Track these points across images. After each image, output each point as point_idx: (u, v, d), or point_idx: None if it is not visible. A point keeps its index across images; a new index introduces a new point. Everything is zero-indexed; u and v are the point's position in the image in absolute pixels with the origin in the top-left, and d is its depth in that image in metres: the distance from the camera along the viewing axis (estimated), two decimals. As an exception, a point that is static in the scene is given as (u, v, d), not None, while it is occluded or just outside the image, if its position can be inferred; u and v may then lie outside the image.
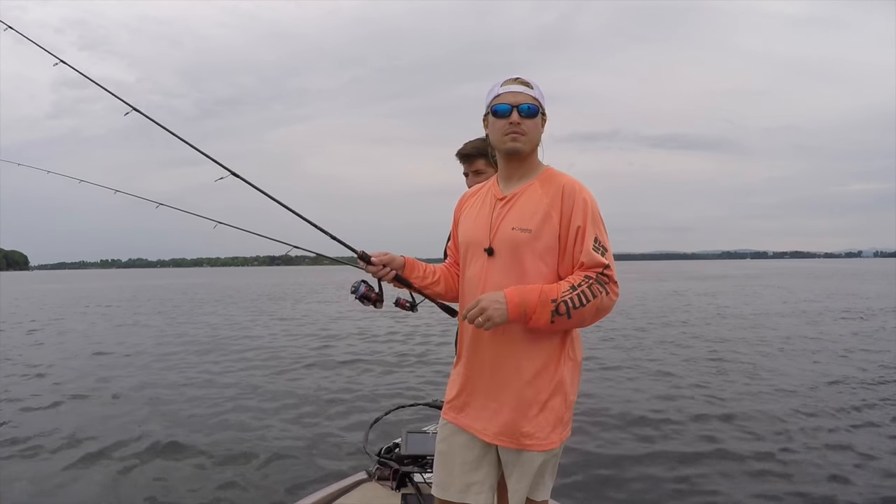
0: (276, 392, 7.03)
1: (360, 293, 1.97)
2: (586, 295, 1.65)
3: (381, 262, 1.92)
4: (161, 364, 9.23)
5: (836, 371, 8.00)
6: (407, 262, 1.98)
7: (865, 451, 4.73)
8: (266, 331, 13.60)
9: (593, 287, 1.67)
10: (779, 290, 27.30)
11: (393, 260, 1.94)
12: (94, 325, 15.80)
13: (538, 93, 1.80)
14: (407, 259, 1.99)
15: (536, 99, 1.79)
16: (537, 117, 1.80)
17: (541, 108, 1.80)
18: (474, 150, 2.58)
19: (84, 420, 5.92)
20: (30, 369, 8.86)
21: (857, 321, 14.11)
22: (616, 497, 4.03)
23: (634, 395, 6.80)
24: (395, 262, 1.95)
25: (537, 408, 1.74)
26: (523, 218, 1.76)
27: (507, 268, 1.76)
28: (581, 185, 1.78)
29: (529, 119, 1.78)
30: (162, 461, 4.69)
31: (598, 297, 1.66)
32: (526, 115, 1.77)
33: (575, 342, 1.81)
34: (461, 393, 1.88)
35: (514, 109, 1.77)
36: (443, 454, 1.91)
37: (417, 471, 3.11)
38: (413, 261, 2.01)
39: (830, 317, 15.19)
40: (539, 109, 1.80)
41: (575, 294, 1.65)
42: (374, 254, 1.93)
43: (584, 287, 1.66)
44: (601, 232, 1.74)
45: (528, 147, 1.80)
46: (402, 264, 1.96)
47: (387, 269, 1.92)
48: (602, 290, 1.67)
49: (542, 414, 1.74)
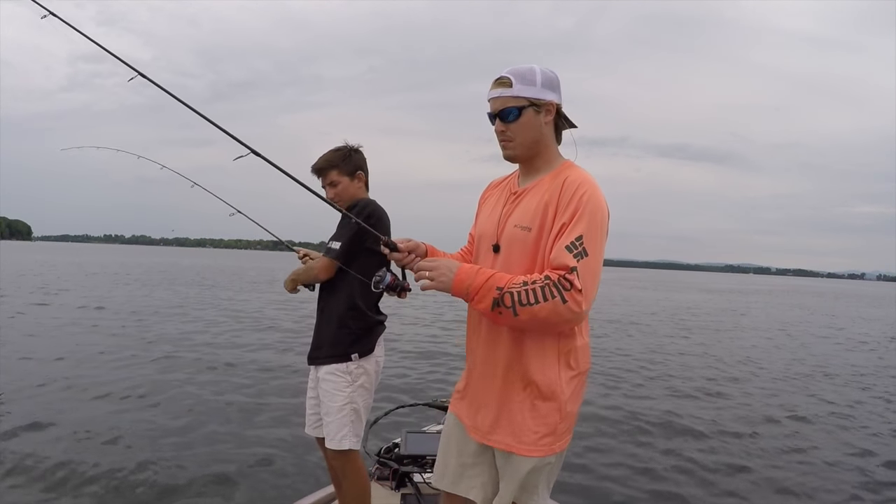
0: (274, 391, 6.94)
1: (385, 283, 1.91)
2: (536, 294, 1.51)
3: (408, 249, 1.81)
4: (166, 359, 9.18)
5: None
6: (428, 248, 1.88)
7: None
8: (262, 323, 13.35)
9: (547, 289, 1.50)
10: (802, 311, 27.10)
11: (417, 247, 1.83)
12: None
13: (521, 86, 1.67)
14: (427, 246, 1.89)
15: (518, 96, 1.67)
16: (523, 117, 1.68)
17: (529, 102, 1.67)
18: (325, 163, 2.58)
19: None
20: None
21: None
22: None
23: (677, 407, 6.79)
24: (420, 248, 1.83)
25: (525, 413, 1.68)
26: (526, 216, 1.69)
27: (509, 266, 1.69)
28: (587, 180, 1.64)
29: (514, 123, 1.69)
30: (160, 460, 4.53)
31: (549, 301, 1.49)
32: (509, 120, 1.69)
33: (578, 352, 1.69)
34: (465, 386, 1.88)
35: (496, 118, 1.71)
36: (443, 443, 1.92)
37: (417, 471, 3.12)
38: (433, 248, 1.92)
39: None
40: (522, 108, 1.68)
41: (524, 289, 1.52)
42: (399, 241, 1.82)
43: (536, 286, 1.52)
44: (592, 234, 1.56)
45: (520, 151, 1.73)
46: (425, 251, 1.85)
47: (412, 255, 1.80)
48: (556, 294, 1.49)
49: (530, 420, 1.67)
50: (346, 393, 2.44)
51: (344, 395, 2.44)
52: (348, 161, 2.58)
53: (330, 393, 2.46)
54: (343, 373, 2.45)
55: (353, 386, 2.45)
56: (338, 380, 2.45)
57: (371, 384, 2.52)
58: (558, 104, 1.71)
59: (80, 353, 8.16)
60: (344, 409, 2.44)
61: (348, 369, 2.45)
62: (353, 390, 2.45)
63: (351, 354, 2.45)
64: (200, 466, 4.29)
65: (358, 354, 2.46)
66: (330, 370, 2.47)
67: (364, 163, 2.65)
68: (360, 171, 2.62)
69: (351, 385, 2.45)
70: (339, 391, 2.44)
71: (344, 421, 2.44)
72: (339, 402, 2.44)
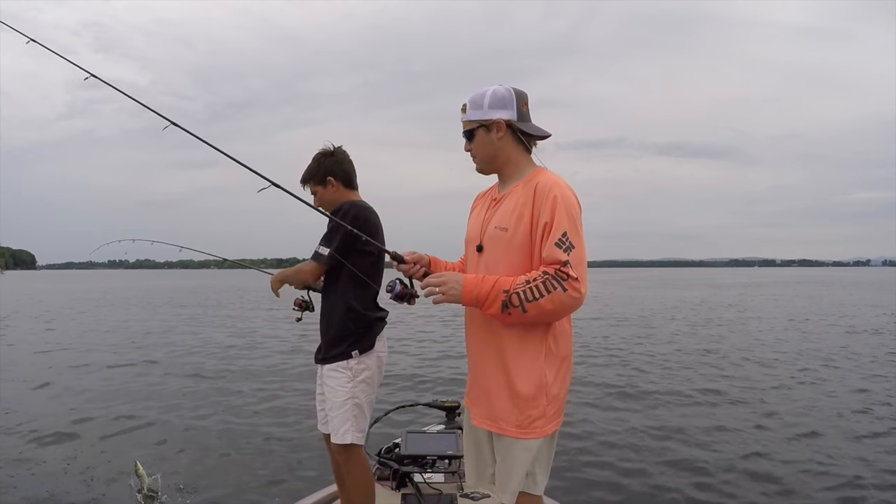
0: (274, 392, 6.99)
1: (396, 292, 2.02)
2: (539, 289, 1.70)
3: (413, 261, 1.99)
4: (170, 366, 9.23)
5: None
6: (430, 259, 2.07)
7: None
8: (264, 329, 13.55)
9: (547, 282, 1.70)
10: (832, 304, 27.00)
11: (422, 258, 2.01)
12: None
13: (472, 111, 1.91)
14: (430, 257, 2.08)
15: (470, 120, 1.92)
16: (476, 137, 1.92)
17: (479, 124, 1.90)
18: (307, 174, 2.71)
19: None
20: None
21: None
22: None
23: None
24: (423, 259, 2.02)
25: (512, 395, 1.83)
26: (503, 217, 1.87)
27: (490, 263, 1.88)
28: (556, 182, 1.82)
29: (472, 142, 1.94)
30: (157, 459, 4.66)
31: (552, 293, 1.69)
32: (468, 139, 1.95)
33: (558, 338, 1.86)
34: (469, 380, 2.02)
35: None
36: (465, 444, 2.08)
37: (417, 471, 3.13)
38: (435, 259, 2.12)
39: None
40: (474, 129, 1.91)
41: (528, 287, 1.71)
42: (405, 253, 2.02)
43: (538, 282, 1.71)
44: (572, 228, 1.75)
45: (482, 165, 1.96)
46: (429, 262, 2.03)
47: (418, 266, 1.98)
48: (557, 285, 1.69)
49: (517, 401, 1.82)
50: (347, 389, 2.54)
51: (345, 390, 2.54)
52: (318, 169, 2.69)
53: (333, 389, 2.56)
54: (344, 369, 2.55)
55: (354, 382, 2.55)
56: (339, 376, 2.56)
57: (374, 379, 2.61)
58: (507, 120, 1.88)
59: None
60: (346, 405, 2.53)
61: (349, 366, 2.55)
62: (354, 386, 2.54)
63: (351, 352, 2.55)
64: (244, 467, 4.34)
65: (358, 351, 2.55)
66: (332, 367, 2.57)
67: (335, 166, 2.70)
68: (330, 177, 2.68)
69: (352, 381, 2.54)
70: (341, 387, 2.55)
71: (346, 416, 2.53)
72: (341, 397, 2.54)
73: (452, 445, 3.40)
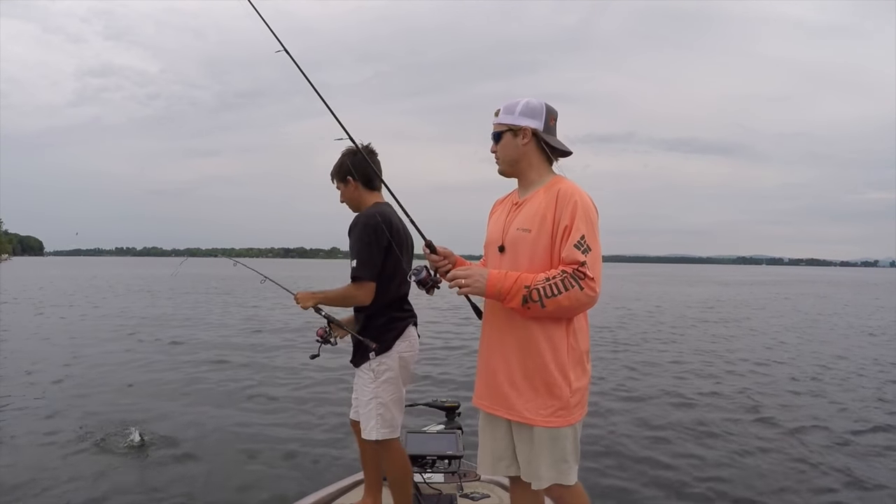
0: (274, 391, 6.92)
1: (420, 277, 2.12)
2: (558, 286, 1.84)
3: (444, 255, 2.11)
4: (161, 357, 9.21)
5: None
6: (458, 259, 2.16)
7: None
8: (262, 326, 13.54)
9: (566, 280, 1.84)
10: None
11: (451, 254, 2.13)
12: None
13: (504, 115, 2.06)
14: (457, 257, 2.17)
15: (500, 123, 2.07)
16: (503, 139, 2.07)
17: (508, 127, 2.05)
18: (332, 170, 2.81)
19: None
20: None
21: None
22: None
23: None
24: (452, 257, 2.13)
25: (539, 388, 1.94)
26: (526, 220, 2.00)
27: (512, 263, 2.01)
28: (576, 189, 1.97)
29: (498, 144, 2.09)
30: (155, 459, 4.62)
31: (570, 290, 1.83)
32: (495, 141, 2.10)
33: (578, 333, 1.98)
34: (483, 374, 2.11)
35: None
36: (480, 437, 2.18)
37: (417, 471, 3.12)
38: (462, 259, 2.19)
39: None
40: (502, 132, 2.06)
41: (548, 284, 1.85)
42: (438, 247, 2.13)
43: (557, 280, 1.85)
44: (590, 232, 1.90)
45: (504, 167, 2.11)
46: (456, 261, 2.13)
47: (446, 261, 2.10)
48: (575, 283, 1.83)
49: (545, 394, 1.94)
50: (371, 388, 2.68)
51: (369, 390, 2.68)
52: (340, 168, 2.78)
53: (360, 388, 2.74)
54: (367, 370, 2.69)
55: (377, 382, 2.67)
56: (364, 377, 2.71)
57: (397, 378, 2.70)
58: (534, 128, 2.02)
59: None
60: (371, 404, 2.67)
61: (371, 367, 2.68)
62: (377, 386, 2.67)
63: (369, 354, 2.67)
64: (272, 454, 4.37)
65: (375, 353, 2.66)
66: (360, 370, 2.74)
67: (355, 166, 2.72)
68: (349, 176, 2.74)
69: (375, 381, 2.67)
70: (366, 386, 2.70)
71: (371, 414, 2.67)
72: (366, 396, 2.69)
73: (452, 445, 3.37)
